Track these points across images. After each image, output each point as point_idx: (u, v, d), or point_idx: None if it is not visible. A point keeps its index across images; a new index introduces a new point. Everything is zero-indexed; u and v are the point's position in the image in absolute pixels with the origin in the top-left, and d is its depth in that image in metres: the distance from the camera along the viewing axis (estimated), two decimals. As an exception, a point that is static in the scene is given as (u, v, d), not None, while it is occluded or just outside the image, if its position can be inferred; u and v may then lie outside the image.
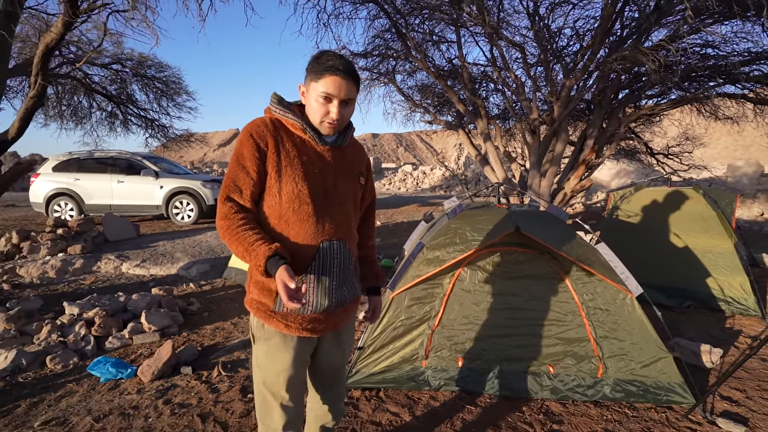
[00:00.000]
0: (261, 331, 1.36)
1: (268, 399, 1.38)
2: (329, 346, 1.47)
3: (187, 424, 2.26)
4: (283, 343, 1.34)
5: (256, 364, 1.41)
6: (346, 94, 1.28)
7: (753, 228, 9.16)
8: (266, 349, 1.36)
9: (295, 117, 1.33)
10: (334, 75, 1.25)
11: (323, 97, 1.27)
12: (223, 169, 30.32)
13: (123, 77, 10.51)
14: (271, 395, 1.37)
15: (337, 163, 1.39)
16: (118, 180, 8.72)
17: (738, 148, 28.17)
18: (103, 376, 2.82)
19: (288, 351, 1.34)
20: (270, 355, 1.35)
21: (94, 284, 5.17)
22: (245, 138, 1.30)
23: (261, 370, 1.39)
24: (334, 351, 1.49)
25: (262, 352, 1.37)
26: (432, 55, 7.79)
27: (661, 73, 5.02)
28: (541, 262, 2.56)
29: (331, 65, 1.25)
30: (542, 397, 2.44)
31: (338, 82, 1.25)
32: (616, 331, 2.47)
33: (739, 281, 3.84)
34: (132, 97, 10.81)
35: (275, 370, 1.35)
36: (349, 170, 1.43)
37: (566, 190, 7.25)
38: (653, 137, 10.03)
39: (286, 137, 1.32)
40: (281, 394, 1.36)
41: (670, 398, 2.36)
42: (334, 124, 1.32)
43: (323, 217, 1.33)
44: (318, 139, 1.35)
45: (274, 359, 1.35)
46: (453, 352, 2.51)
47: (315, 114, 1.31)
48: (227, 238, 1.24)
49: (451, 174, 22.51)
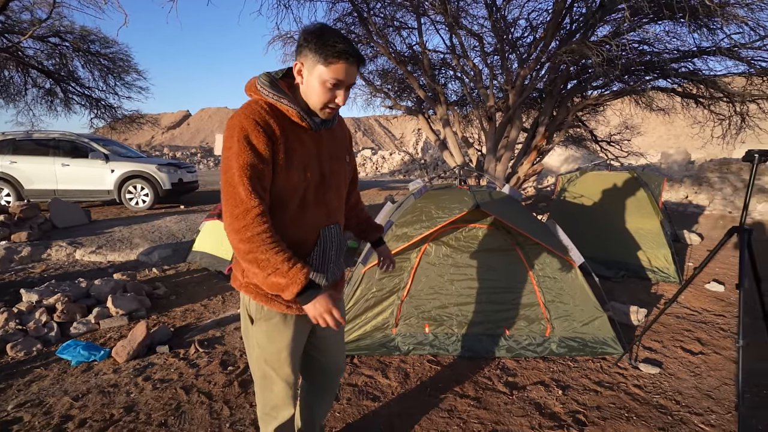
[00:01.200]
0: (261, 312, 1.38)
1: (269, 375, 1.43)
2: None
3: (172, 396, 2.35)
4: (283, 322, 1.38)
5: (255, 344, 1.42)
6: (353, 79, 1.24)
7: (679, 209, 10.22)
8: (266, 329, 1.38)
9: (291, 103, 1.25)
10: (346, 62, 1.18)
11: (333, 83, 1.21)
12: (174, 153, 28.83)
13: (62, 52, 9.70)
14: (273, 371, 1.42)
15: (330, 147, 1.39)
16: (62, 163, 8.16)
17: (670, 138, 30.65)
18: (75, 359, 2.80)
19: (288, 329, 1.39)
20: (270, 335, 1.39)
21: (45, 272, 4.93)
22: (251, 125, 1.18)
23: (261, 349, 1.41)
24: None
25: (262, 333, 1.39)
26: (393, 41, 7.89)
27: (603, 67, 5.47)
28: (497, 236, 2.86)
29: (343, 50, 1.17)
30: (499, 355, 2.76)
31: (349, 70, 1.20)
32: (562, 296, 2.82)
33: (663, 254, 4.41)
34: (74, 74, 10.01)
35: (276, 348, 1.40)
36: (340, 151, 1.44)
37: (520, 174, 7.73)
38: (597, 125, 10.81)
39: (285, 124, 1.25)
40: (283, 369, 1.42)
41: (604, 350, 2.76)
42: (333, 111, 1.29)
43: (322, 204, 1.36)
44: (312, 124, 1.29)
45: (275, 338, 1.39)
46: (420, 320, 2.77)
47: (317, 98, 1.24)
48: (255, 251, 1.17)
49: (410, 159, 22.86)
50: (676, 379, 2.55)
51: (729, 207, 10.16)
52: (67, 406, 2.27)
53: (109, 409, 2.23)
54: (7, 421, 2.15)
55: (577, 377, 2.55)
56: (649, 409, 2.25)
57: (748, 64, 6.27)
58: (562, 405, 2.28)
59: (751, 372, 2.63)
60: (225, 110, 55.77)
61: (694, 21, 5.74)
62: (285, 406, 1.47)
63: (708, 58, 6.51)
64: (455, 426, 2.11)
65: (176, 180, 8.55)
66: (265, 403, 1.50)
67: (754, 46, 5.92)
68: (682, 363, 2.74)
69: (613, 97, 7.97)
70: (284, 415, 1.48)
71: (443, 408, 2.25)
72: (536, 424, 2.12)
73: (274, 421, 1.49)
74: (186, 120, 55.20)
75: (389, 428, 2.09)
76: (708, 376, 2.58)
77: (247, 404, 2.27)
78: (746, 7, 5.34)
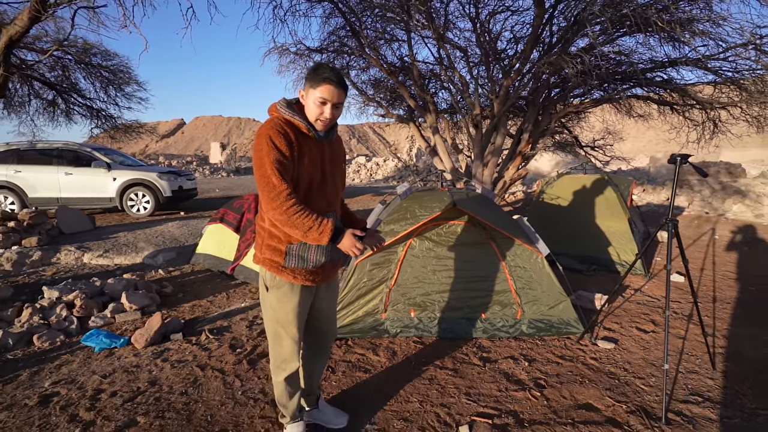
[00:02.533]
0: (274, 281, 1.76)
1: (280, 333, 1.82)
2: (323, 292, 1.94)
3: (189, 372, 2.70)
4: (291, 290, 1.76)
5: (269, 307, 1.81)
6: (337, 99, 1.65)
7: (659, 210, 10.70)
8: (278, 295, 1.77)
9: (302, 119, 1.67)
10: (329, 84, 1.61)
11: (320, 101, 1.63)
12: (170, 162, 29.07)
13: (65, 64, 10.03)
14: (283, 330, 1.81)
15: (330, 154, 1.80)
16: (65, 172, 8.47)
17: (660, 142, 31.32)
18: (98, 345, 3.13)
19: (295, 296, 1.77)
20: (281, 300, 1.77)
21: (56, 275, 5.23)
22: (276, 134, 1.59)
23: (274, 311, 1.80)
24: (326, 296, 1.97)
25: (275, 298, 1.78)
26: (384, 53, 8.30)
27: (579, 78, 5.92)
28: (474, 232, 3.24)
29: (327, 77, 1.61)
30: (476, 336, 3.13)
31: (332, 90, 1.62)
32: (531, 283, 3.21)
33: (630, 248, 4.82)
34: (76, 86, 10.33)
35: (285, 310, 1.78)
36: (338, 158, 1.87)
37: (506, 178, 8.14)
38: (582, 131, 11.30)
39: (297, 134, 1.66)
40: (290, 328, 1.81)
41: (568, 330, 3.14)
42: (326, 122, 1.69)
43: (324, 197, 1.76)
44: (317, 136, 1.71)
45: (285, 302, 1.77)
46: (406, 306, 3.14)
47: (312, 114, 1.67)
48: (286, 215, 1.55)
49: (403, 165, 23.30)
50: (628, 352, 2.94)
51: (707, 208, 10.64)
52: (98, 383, 2.60)
53: (135, 384, 2.57)
54: (47, 394, 2.48)
55: (542, 352, 2.93)
56: (601, 375, 2.63)
57: (715, 74, 6.76)
58: (527, 374, 2.65)
59: (691, 343, 3.03)
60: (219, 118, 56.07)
61: (661, 34, 6.21)
62: (292, 360, 1.86)
63: (680, 68, 6.99)
64: (434, 390, 2.47)
65: (176, 187, 8.88)
66: (276, 357, 1.88)
67: (719, 57, 6.40)
68: (635, 340, 3.13)
69: (593, 105, 8.44)
70: (291, 366, 1.86)
71: (425, 377, 2.61)
72: (503, 388, 2.49)
73: (284, 372, 1.87)
74: (180, 128, 55.41)
75: (378, 393, 2.45)
76: (655, 350, 2.97)
77: (255, 377, 2.62)
78: (709, 22, 5.84)
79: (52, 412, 2.29)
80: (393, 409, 2.29)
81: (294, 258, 1.72)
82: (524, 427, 2.12)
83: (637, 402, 2.34)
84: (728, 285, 4.48)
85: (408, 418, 2.21)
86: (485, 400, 2.36)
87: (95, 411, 2.28)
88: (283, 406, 1.96)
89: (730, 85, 6.92)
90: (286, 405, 1.95)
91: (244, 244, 4.73)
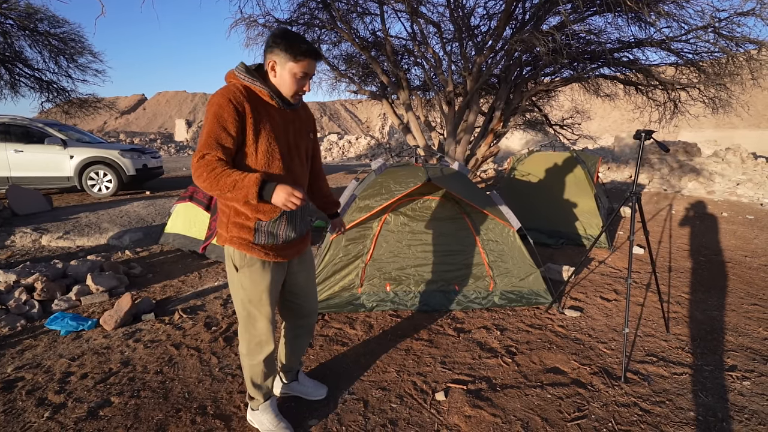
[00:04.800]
0: (244, 260, 1.68)
1: (252, 313, 1.74)
2: (296, 267, 1.88)
3: (164, 351, 2.65)
4: (263, 268, 1.69)
5: (240, 287, 1.72)
6: (314, 71, 1.62)
7: (622, 187, 11.19)
8: (249, 274, 1.69)
9: (263, 85, 1.58)
10: (310, 59, 1.56)
11: (302, 74, 1.58)
12: (131, 139, 27.64)
13: (5, 30, 9.19)
14: (256, 310, 1.73)
15: (295, 124, 1.71)
16: (15, 149, 7.89)
17: (624, 122, 32.43)
18: (63, 329, 3.00)
19: (267, 274, 1.71)
20: (253, 279, 1.69)
21: (11, 258, 4.95)
22: (225, 102, 1.49)
23: (245, 291, 1.71)
24: (301, 270, 1.90)
25: (245, 277, 1.69)
26: (357, 27, 8.09)
27: (551, 55, 5.99)
28: (448, 207, 3.29)
29: (307, 49, 1.54)
30: (450, 308, 3.22)
31: (313, 64, 1.59)
32: (503, 256, 3.31)
33: (596, 223, 5.05)
34: (20, 55, 9.53)
35: (258, 290, 1.71)
36: (304, 129, 1.77)
37: (478, 155, 8.26)
38: (552, 110, 11.53)
39: (257, 103, 1.57)
40: (264, 308, 1.74)
41: (537, 300, 3.28)
42: (300, 97, 1.66)
43: (289, 170, 1.66)
44: (282, 104, 1.63)
45: (257, 281, 1.69)
46: (382, 280, 3.18)
47: (288, 87, 1.60)
48: (210, 179, 1.43)
49: (376, 143, 23.13)
50: (592, 320, 3.12)
51: (665, 185, 11.22)
52: (66, 366, 2.52)
53: (107, 365, 2.51)
54: (10, 380, 2.38)
55: (513, 322, 3.06)
56: (567, 342, 2.78)
57: (677, 55, 7.02)
58: (499, 342, 2.77)
59: (648, 310, 3.25)
60: (183, 94, 53.39)
61: (629, 15, 6.35)
62: (267, 342, 1.79)
63: (645, 49, 7.20)
64: (411, 360, 2.55)
65: (140, 166, 8.48)
66: (250, 341, 1.79)
67: (681, 39, 6.63)
68: (599, 308, 3.32)
69: (562, 84, 8.59)
70: (267, 349, 1.79)
71: (401, 348, 2.68)
72: (476, 356, 2.60)
73: (260, 355, 1.79)
74: (142, 104, 52.47)
75: (356, 364, 2.50)
76: (617, 316, 3.16)
77: (232, 354, 2.61)
78: (674, 3, 6.00)
79: (17, 397, 2.20)
80: (371, 380, 2.35)
81: (264, 234, 1.66)
82: (497, 391, 2.23)
83: (600, 364, 2.50)
84: (682, 256, 4.79)
85: (386, 387, 2.27)
86: (460, 368, 2.46)
87: (65, 393, 2.21)
88: (256, 388, 1.87)
89: (690, 67, 7.21)
90: (260, 386, 1.87)
91: (215, 222, 4.62)
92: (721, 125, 25.37)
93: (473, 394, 2.21)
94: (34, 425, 1.98)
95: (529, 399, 2.17)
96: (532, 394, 2.22)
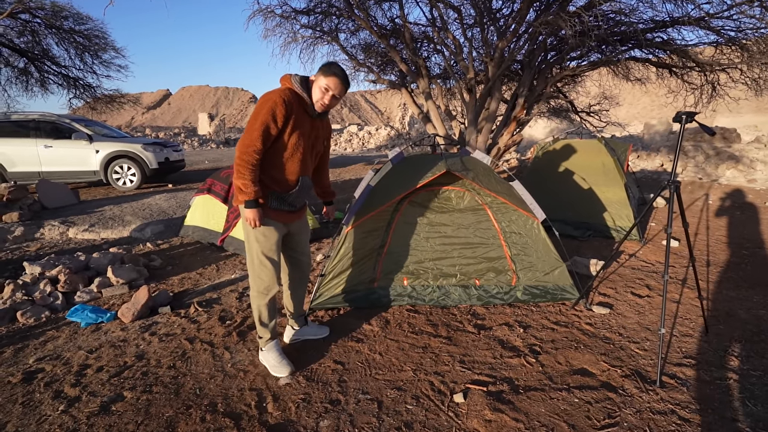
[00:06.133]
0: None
1: (264, 261, 2.21)
2: (297, 228, 2.40)
3: (177, 345, 2.63)
4: (273, 226, 2.20)
5: (254, 241, 2.19)
6: (338, 91, 2.11)
7: (653, 176, 10.65)
8: (263, 230, 2.17)
9: (308, 96, 2.10)
10: (335, 77, 2.08)
11: (324, 89, 2.09)
12: (156, 134, 28.34)
13: (33, 29, 9.44)
14: (267, 259, 2.21)
15: (316, 130, 2.25)
16: (45, 145, 8.14)
17: (654, 108, 31.03)
18: (84, 321, 3.04)
19: (276, 231, 2.22)
20: (265, 234, 2.18)
21: (40, 250, 5.10)
22: (280, 101, 1.99)
23: (259, 244, 2.19)
24: (301, 231, 2.44)
25: (260, 233, 2.18)
26: (374, 14, 7.90)
27: (578, 38, 5.66)
28: (467, 197, 3.14)
29: (335, 72, 2.08)
30: (470, 303, 3.09)
31: (336, 82, 2.08)
32: (526, 249, 3.14)
33: (626, 214, 4.77)
34: (48, 52, 9.78)
35: (270, 243, 2.20)
36: (321, 136, 2.31)
37: (500, 144, 7.98)
38: (578, 96, 11.04)
39: (298, 107, 2.08)
40: (273, 257, 2.23)
41: (563, 296, 3.10)
42: (323, 106, 2.14)
43: (305, 161, 2.19)
44: (312, 112, 2.15)
45: (269, 236, 2.19)
46: (399, 274, 3.07)
47: (315, 96, 2.12)
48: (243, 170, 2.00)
49: (396, 133, 22.90)
50: (623, 317, 2.92)
51: (700, 174, 10.62)
52: (84, 358, 2.53)
53: (122, 358, 2.50)
54: (31, 371, 2.41)
55: (537, 319, 2.90)
56: (596, 341, 2.61)
57: (717, 33, 6.53)
58: (522, 340, 2.63)
59: (684, 307, 3.02)
60: (206, 88, 54.31)
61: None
62: (273, 284, 2.26)
63: (680, 28, 6.73)
64: (428, 359, 2.43)
65: (162, 159, 8.61)
66: (260, 284, 2.24)
67: (723, 15, 6.15)
68: (630, 305, 3.11)
69: (590, 68, 8.17)
70: (273, 289, 2.27)
71: (418, 346, 2.57)
72: (498, 355, 2.46)
73: (267, 296, 2.26)
74: (167, 99, 53.68)
75: (371, 362, 2.41)
76: (650, 314, 2.95)
77: (245, 349, 2.57)
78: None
79: (36, 389, 2.22)
80: (386, 378, 2.25)
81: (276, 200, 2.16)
82: (519, 394, 2.10)
83: (632, 366, 2.32)
84: (722, 249, 4.47)
85: (402, 387, 2.17)
86: (480, 368, 2.33)
87: (80, 387, 2.22)
88: (264, 326, 2.31)
89: (731, 46, 6.70)
90: (268, 324, 2.32)
91: (233, 215, 4.60)
92: (762, 109, 23.89)
93: (494, 397, 2.08)
94: (49, 418, 1.99)
95: (554, 403, 2.03)
96: (558, 397, 2.07)
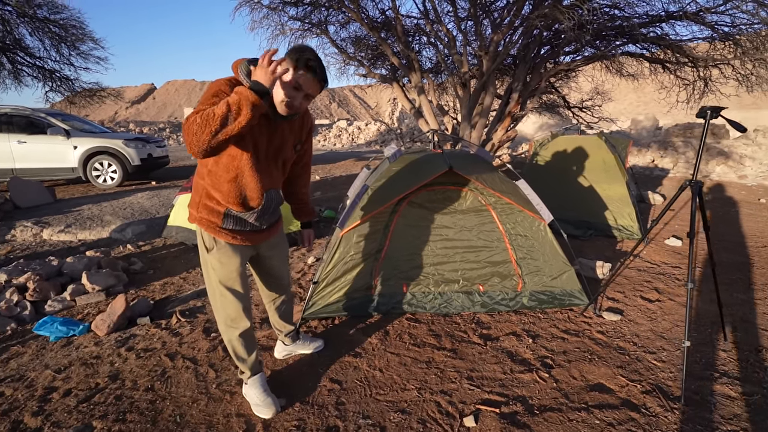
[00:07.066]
0: (213, 242, 1.73)
1: (225, 293, 1.79)
2: (267, 251, 1.97)
3: (156, 363, 2.39)
4: (232, 250, 1.75)
5: (210, 269, 1.78)
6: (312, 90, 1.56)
7: (645, 172, 10.64)
8: (219, 256, 1.75)
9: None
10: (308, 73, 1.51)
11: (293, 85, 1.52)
12: (141, 129, 27.59)
13: (3, 17, 8.92)
14: (227, 290, 1.79)
15: (282, 133, 1.70)
16: (18, 140, 7.70)
17: (640, 104, 31.32)
18: (53, 335, 2.77)
19: (236, 256, 1.77)
20: (222, 260, 1.75)
21: (11, 253, 4.76)
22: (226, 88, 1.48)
23: (216, 272, 1.77)
24: (273, 254, 2.01)
25: (215, 259, 1.75)
26: (365, 5, 7.64)
27: (575, 31, 5.50)
28: (470, 197, 2.94)
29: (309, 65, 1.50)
30: (474, 310, 2.90)
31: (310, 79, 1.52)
32: (533, 252, 2.96)
33: (627, 212, 4.64)
34: (20, 43, 9.27)
35: (228, 270, 1.76)
36: (291, 139, 1.75)
37: (494, 140, 7.82)
38: (570, 92, 10.95)
39: None
40: (235, 287, 1.79)
41: (571, 302, 2.94)
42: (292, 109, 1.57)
43: (266, 173, 1.69)
44: (272, 114, 1.59)
45: (226, 263, 1.75)
46: (398, 280, 2.86)
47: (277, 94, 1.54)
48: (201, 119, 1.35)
49: (386, 129, 22.66)
50: (635, 324, 2.77)
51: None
52: (50, 379, 2.28)
53: (94, 379, 2.25)
54: (-11, 395, 2.14)
55: (546, 327, 2.73)
56: (610, 351, 2.44)
57: (712, 29, 6.44)
58: (531, 352, 2.45)
59: (698, 313, 2.89)
60: (192, 83, 53.16)
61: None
62: (241, 318, 1.84)
63: (675, 23, 6.64)
64: (433, 375, 2.24)
65: (145, 155, 8.24)
66: (225, 318, 1.84)
67: (718, 10, 6.07)
68: (641, 310, 2.96)
69: (584, 63, 8.06)
70: (243, 325, 1.85)
71: (421, 360, 2.38)
72: (508, 370, 2.28)
73: (236, 331, 1.85)
74: (151, 94, 52.41)
75: (371, 380, 2.20)
76: (662, 320, 2.81)
77: (232, 366, 2.34)
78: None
79: (-8, 418, 1.96)
80: (389, 399, 2.05)
81: (232, 221, 1.71)
82: (535, 415, 1.92)
83: (652, 380, 2.16)
84: (724, 248, 4.37)
85: (406, 410, 1.97)
86: (490, 385, 2.14)
87: (43, 416, 1.96)
88: (240, 361, 1.93)
89: (725, 42, 6.64)
90: (245, 359, 1.93)
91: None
92: (744, 106, 24.26)
93: (508, 419, 1.90)
94: (6, 455, 1.74)
95: (573, 426, 1.86)
96: (577, 418, 1.90)
